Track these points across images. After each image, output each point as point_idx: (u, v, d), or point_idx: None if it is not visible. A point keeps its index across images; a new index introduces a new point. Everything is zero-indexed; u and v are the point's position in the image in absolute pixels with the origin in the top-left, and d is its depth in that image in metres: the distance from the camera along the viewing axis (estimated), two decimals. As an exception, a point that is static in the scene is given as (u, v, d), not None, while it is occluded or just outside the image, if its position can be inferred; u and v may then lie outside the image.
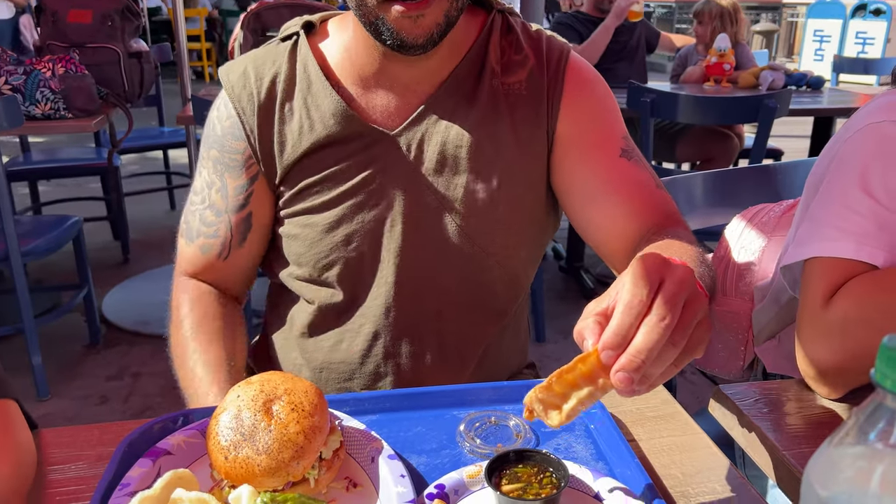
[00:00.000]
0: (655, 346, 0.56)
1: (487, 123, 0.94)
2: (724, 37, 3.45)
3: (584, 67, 0.99)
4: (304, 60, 0.97)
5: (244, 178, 0.99)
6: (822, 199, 0.91)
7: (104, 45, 2.82)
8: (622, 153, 0.96)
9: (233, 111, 0.98)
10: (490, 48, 0.96)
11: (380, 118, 0.95)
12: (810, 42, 9.76)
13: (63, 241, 2.53)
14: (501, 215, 0.95)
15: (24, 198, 3.92)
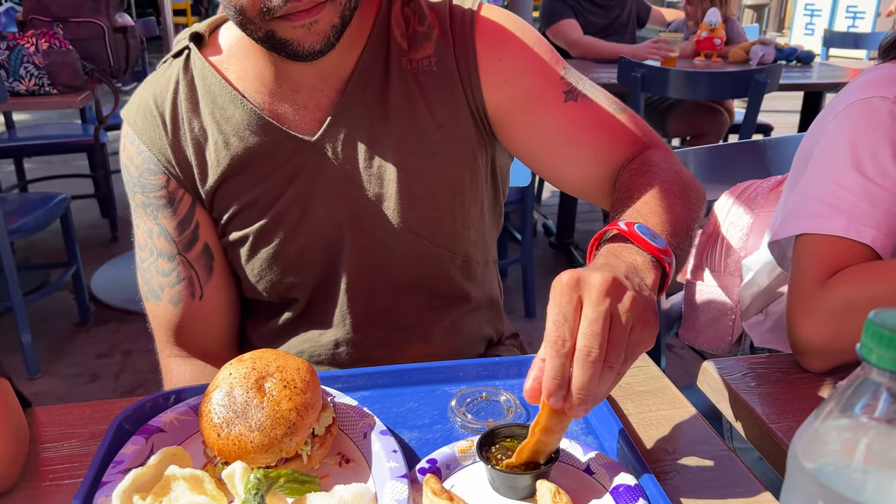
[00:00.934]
0: (592, 378, 0.57)
1: (405, 111, 0.89)
2: (715, 11, 3.43)
3: (493, 25, 0.91)
4: (201, 73, 0.91)
5: (181, 213, 0.93)
6: (812, 175, 0.91)
7: (88, 19, 2.78)
8: (567, 96, 0.90)
9: (142, 146, 0.92)
10: (392, 23, 0.90)
11: (294, 124, 0.90)
12: (801, 16, 9.74)
13: (50, 219, 2.51)
14: (440, 203, 0.92)
15: (10, 175, 3.89)
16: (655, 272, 0.67)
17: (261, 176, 0.90)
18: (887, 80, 0.90)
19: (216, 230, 0.95)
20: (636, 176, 0.84)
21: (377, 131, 0.90)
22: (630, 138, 0.91)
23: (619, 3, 3.69)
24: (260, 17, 0.77)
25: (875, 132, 0.87)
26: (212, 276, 0.96)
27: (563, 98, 0.90)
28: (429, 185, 0.91)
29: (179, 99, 0.91)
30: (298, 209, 0.91)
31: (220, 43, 0.93)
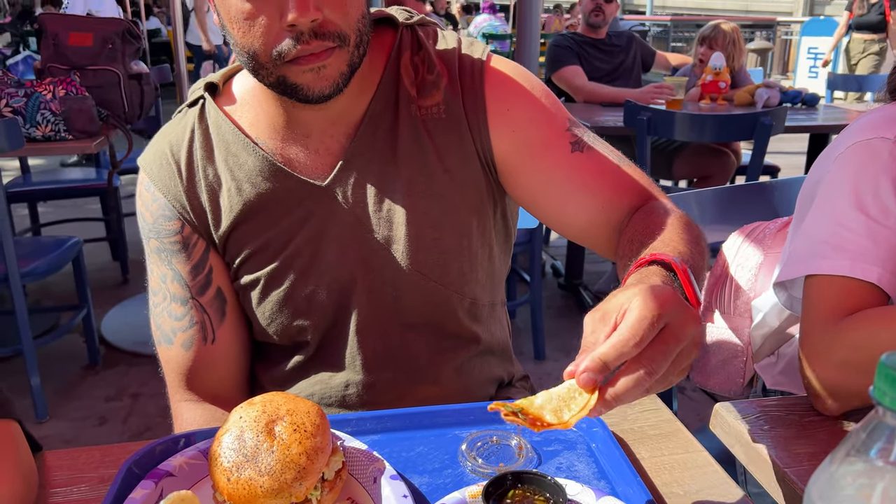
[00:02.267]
0: (633, 394, 0.57)
1: (414, 156, 0.91)
2: (719, 55, 3.48)
3: (502, 75, 0.94)
4: (215, 122, 0.94)
5: (195, 258, 0.94)
6: (816, 215, 0.92)
7: (105, 67, 2.84)
8: (573, 147, 0.92)
9: (157, 193, 0.94)
10: (402, 71, 0.93)
11: (305, 169, 0.92)
12: (804, 59, 9.86)
13: (63, 263, 2.53)
14: (448, 246, 0.93)
15: (24, 219, 3.93)
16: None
17: (272, 220, 0.92)
18: (887, 120, 0.92)
19: (229, 274, 0.97)
20: (649, 216, 0.86)
21: (387, 175, 0.91)
22: (634, 188, 0.93)
23: (624, 49, 3.75)
24: (272, 62, 0.80)
25: (876, 172, 0.88)
26: (224, 319, 0.96)
27: (569, 148, 0.92)
28: (437, 228, 0.92)
29: (195, 147, 0.94)
30: (309, 252, 0.92)
31: (233, 92, 0.96)
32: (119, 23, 2.97)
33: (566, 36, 3.77)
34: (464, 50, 0.96)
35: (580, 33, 3.74)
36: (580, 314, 3.57)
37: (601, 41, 3.70)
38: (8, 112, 2.50)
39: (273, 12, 0.77)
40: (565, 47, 3.63)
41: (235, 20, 0.80)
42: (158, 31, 10.51)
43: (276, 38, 0.78)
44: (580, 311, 3.31)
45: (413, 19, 0.97)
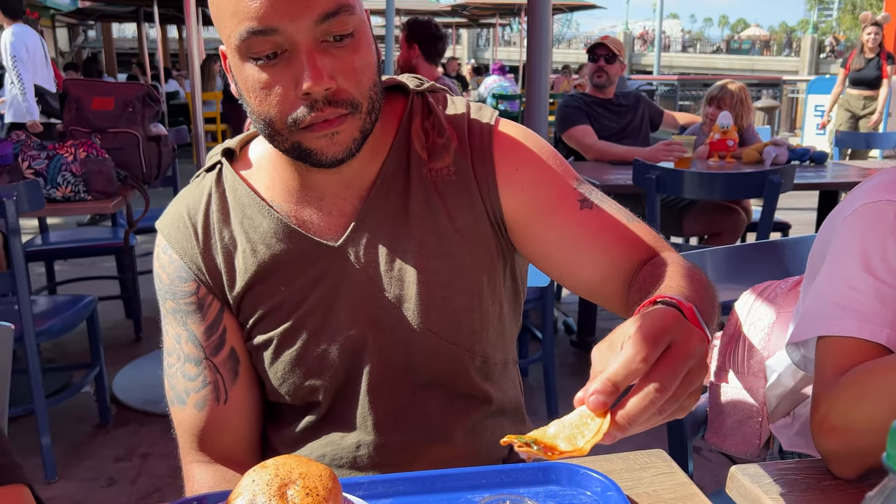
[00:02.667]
0: (645, 414, 0.57)
1: (425, 216, 0.93)
2: (727, 114, 3.53)
3: (510, 138, 0.97)
4: (231, 186, 0.96)
5: (209, 318, 0.96)
6: (825, 277, 0.93)
7: (125, 129, 2.92)
8: (581, 204, 0.94)
9: (174, 255, 0.96)
10: (413, 136, 0.95)
11: (319, 230, 0.94)
12: (811, 117, 9.94)
13: (77, 321, 2.55)
14: (459, 304, 0.94)
15: (41, 277, 3.98)
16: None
17: (286, 281, 0.94)
18: (893, 183, 0.93)
19: (242, 334, 0.98)
20: (656, 268, 0.86)
21: (398, 235, 0.93)
22: (643, 243, 0.94)
23: (632, 108, 3.81)
24: (287, 129, 0.83)
25: (883, 234, 0.90)
26: (237, 380, 0.97)
27: (578, 206, 0.94)
28: (448, 287, 0.93)
29: (211, 210, 0.96)
30: (322, 312, 0.94)
31: (250, 157, 0.99)
32: (140, 87, 3.06)
33: (575, 96, 3.85)
34: (472, 114, 0.98)
35: (588, 94, 3.81)
36: (593, 372, 3.50)
37: (609, 101, 3.77)
38: (30, 174, 2.56)
39: (289, 82, 0.80)
40: (574, 107, 3.69)
41: (253, 89, 0.82)
42: (177, 93, 10.80)
43: (292, 106, 0.81)
44: (593, 369, 3.28)
45: (423, 86, 1.00)
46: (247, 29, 0.78)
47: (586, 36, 44.78)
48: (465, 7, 16.53)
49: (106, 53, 19.20)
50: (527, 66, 2.52)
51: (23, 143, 2.64)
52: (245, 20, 0.78)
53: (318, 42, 0.80)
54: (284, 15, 0.77)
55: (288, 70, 0.80)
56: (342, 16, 0.80)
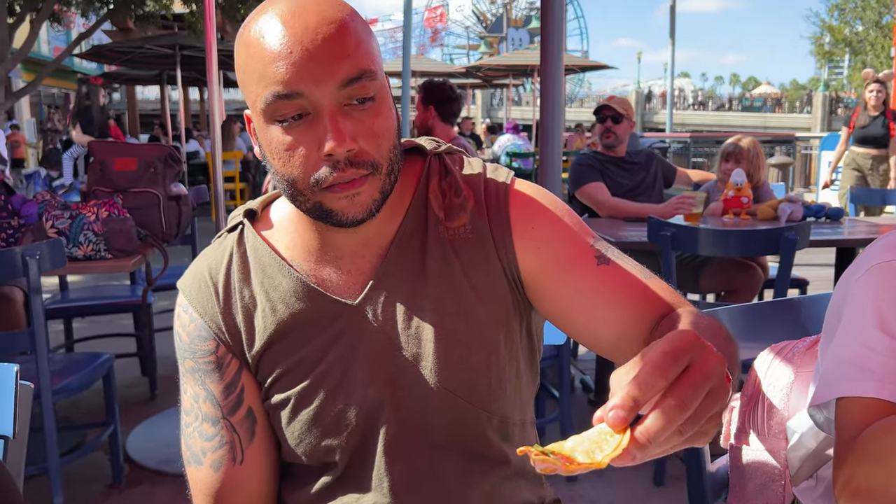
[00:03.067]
0: (664, 431, 0.56)
1: (442, 274, 0.94)
2: (740, 171, 3.55)
3: (526, 197, 0.98)
4: (253, 246, 0.98)
5: (228, 377, 0.97)
6: (842, 338, 0.93)
7: (146, 189, 2.98)
8: (598, 261, 0.94)
9: (194, 314, 0.98)
10: (430, 196, 0.97)
11: (337, 289, 0.95)
12: (826, 174, 9.96)
13: (94, 379, 2.56)
14: (476, 362, 0.94)
15: (59, 335, 4.01)
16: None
17: (304, 340, 0.94)
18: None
19: (260, 394, 0.98)
20: (673, 321, 0.86)
21: (416, 294, 0.94)
22: (662, 300, 0.94)
23: (644, 166, 3.84)
24: (309, 189, 0.85)
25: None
26: (253, 440, 0.97)
27: (595, 262, 0.94)
28: (465, 345, 0.94)
29: (232, 269, 0.98)
30: (339, 371, 0.94)
31: (271, 218, 1.01)
32: (162, 148, 3.14)
33: (588, 154, 3.89)
34: (489, 174, 1.00)
35: (601, 152, 3.86)
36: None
37: (621, 159, 3.81)
38: (53, 233, 2.62)
39: (312, 143, 0.83)
40: (587, 165, 3.73)
41: (277, 151, 0.85)
42: (197, 153, 11.04)
43: (314, 167, 0.84)
44: (611, 428, 3.22)
45: (440, 148, 1.02)
46: (273, 93, 0.81)
47: (599, 95, 45.58)
48: (478, 69, 16.91)
49: (129, 115, 19.75)
50: (540, 125, 2.56)
51: (47, 203, 2.70)
52: (271, 85, 0.81)
53: (340, 105, 0.82)
54: (310, 80, 0.80)
55: (311, 132, 0.83)
56: (364, 81, 0.83)
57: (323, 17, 0.82)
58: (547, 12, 2.41)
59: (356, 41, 0.83)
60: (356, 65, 0.82)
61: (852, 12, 26.26)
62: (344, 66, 0.81)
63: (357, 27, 0.84)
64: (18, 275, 2.24)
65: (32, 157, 17.51)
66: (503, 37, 35.73)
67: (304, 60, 0.80)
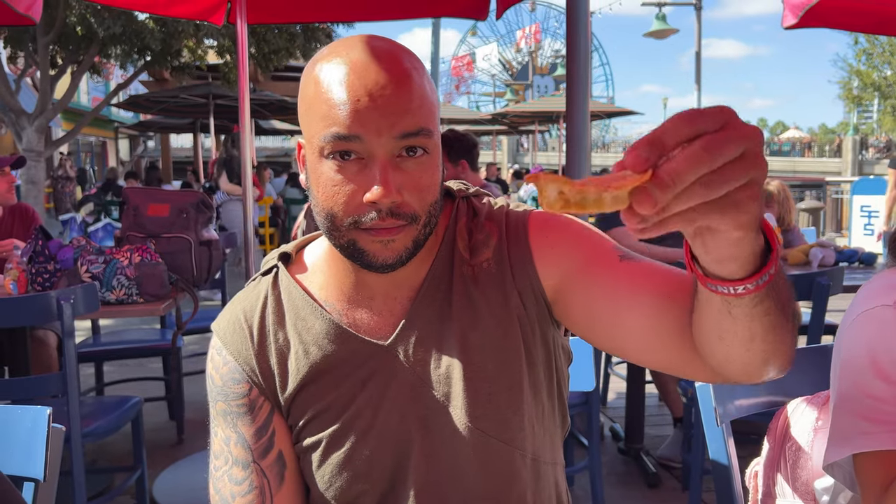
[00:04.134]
0: (690, 171, 0.51)
1: (468, 313, 0.95)
2: (770, 216, 3.52)
3: (544, 219, 0.99)
4: (287, 289, 1.00)
5: (259, 420, 0.97)
6: (844, 391, 0.92)
7: (178, 234, 3.04)
8: (622, 258, 0.92)
9: (228, 357, 0.99)
10: (457, 237, 0.99)
11: (369, 330, 0.96)
12: (858, 217, 9.84)
13: (122, 423, 2.57)
14: (504, 400, 0.94)
15: (89, 378, 4.05)
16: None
17: (335, 382, 0.95)
18: (885, 288, 0.95)
19: (290, 438, 0.99)
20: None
21: (443, 333, 0.95)
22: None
23: (672, 210, 3.82)
24: (346, 226, 0.87)
25: (886, 338, 0.90)
26: (282, 485, 0.97)
27: (618, 258, 0.92)
28: (492, 381, 0.94)
29: (267, 312, 0.99)
30: (370, 413, 0.94)
31: (305, 260, 1.03)
32: (194, 195, 3.21)
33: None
34: (512, 207, 1.02)
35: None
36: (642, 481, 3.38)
37: (650, 204, 3.80)
38: (87, 277, 2.67)
39: (358, 185, 0.85)
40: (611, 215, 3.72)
41: (323, 185, 0.87)
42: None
43: (356, 209, 0.85)
44: (642, 477, 3.15)
45: (469, 191, 1.04)
46: (333, 133, 0.83)
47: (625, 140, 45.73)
48: (504, 115, 17.09)
49: (163, 162, 20.25)
50: (566, 170, 2.57)
51: (83, 248, 2.76)
52: (334, 125, 0.83)
53: (393, 156, 0.85)
54: (371, 128, 0.83)
55: (360, 175, 0.85)
56: (421, 137, 0.85)
57: (392, 71, 0.84)
58: (572, 60, 2.45)
59: (420, 98, 0.85)
60: (416, 121, 0.84)
61: (880, 57, 26.20)
62: (405, 120, 0.83)
63: (423, 84, 0.87)
64: (53, 318, 2.28)
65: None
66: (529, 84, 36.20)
67: (368, 109, 0.82)
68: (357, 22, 7.34)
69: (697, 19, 15.16)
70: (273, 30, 10.22)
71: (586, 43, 2.45)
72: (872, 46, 25.69)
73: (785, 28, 3.29)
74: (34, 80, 12.57)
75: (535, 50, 39.88)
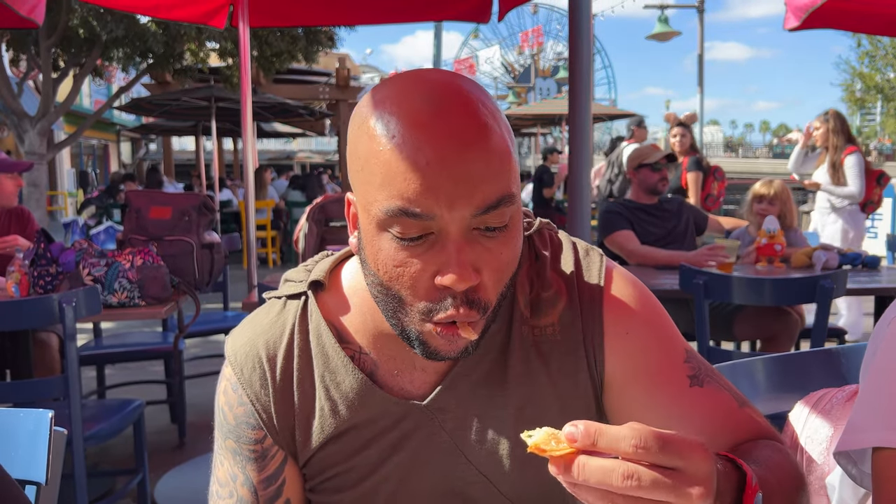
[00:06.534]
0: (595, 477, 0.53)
1: (525, 381, 0.84)
2: (772, 219, 3.51)
3: (623, 295, 0.87)
4: (316, 329, 0.87)
5: (270, 469, 0.88)
6: (876, 383, 0.89)
7: (180, 237, 3.04)
8: (691, 381, 0.84)
9: (244, 398, 0.87)
10: (517, 288, 0.86)
11: (405, 386, 0.86)
12: (861, 220, 9.79)
13: (124, 426, 2.57)
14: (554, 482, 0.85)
15: (91, 381, 4.05)
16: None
17: (363, 442, 0.86)
18: None
19: (302, 486, 0.91)
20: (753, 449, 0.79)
21: (494, 402, 0.85)
22: (750, 427, 0.85)
23: (676, 214, 3.82)
24: (415, 312, 0.74)
25: None
26: None
27: (688, 383, 0.84)
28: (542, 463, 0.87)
29: (293, 356, 0.87)
30: (398, 478, 0.86)
31: (342, 288, 0.89)
32: (196, 197, 3.21)
33: (617, 202, 3.89)
34: (581, 260, 0.90)
35: (631, 199, 3.85)
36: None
37: (652, 206, 3.80)
38: (89, 280, 2.67)
39: (428, 266, 0.72)
40: (617, 213, 3.72)
41: (384, 263, 0.74)
42: (230, 201, 11.23)
43: (426, 294, 0.73)
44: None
45: (532, 228, 0.91)
46: (399, 207, 0.69)
47: (627, 143, 45.59)
48: (507, 118, 17.07)
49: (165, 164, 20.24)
50: (568, 172, 2.57)
51: (84, 251, 2.76)
52: (398, 198, 0.69)
53: (469, 231, 0.71)
54: (444, 203, 0.69)
55: (430, 254, 0.72)
56: (503, 208, 0.71)
57: (469, 121, 0.70)
58: (575, 62, 2.45)
59: (502, 154, 0.71)
60: (499, 189, 0.71)
61: (883, 59, 26.17)
62: (485, 190, 0.70)
63: (504, 135, 0.73)
64: (55, 321, 2.28)
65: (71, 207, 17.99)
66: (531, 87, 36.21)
67: (441, 179, 0.68)
68: (359, 25, 7.35)
69: (700, 22, 15.16)
70: (275, 33, 10.23)
71: (588, 45, 2.45)
72: (875, 49, 25.66)
73: (787, 30, 3.29)
74: (36, 82, 12.58)
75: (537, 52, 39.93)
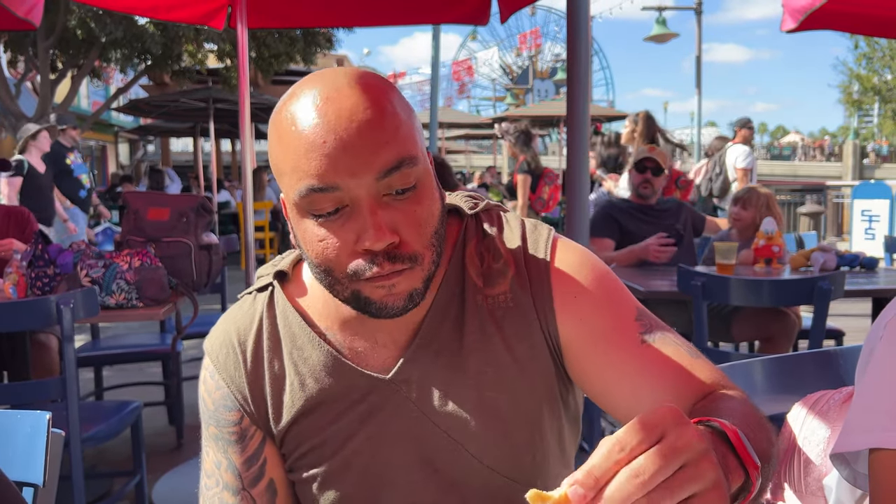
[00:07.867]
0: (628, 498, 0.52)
1: (481, 347, 0.89)
2: (770, 220, 3.52)
3: (569, 261, 0.92)
4: (283, 312, 0.93)
5: (250, 450, 0.93)
6: (872, 385, 0.88)
7: (178, 239, 3.04)
8: (642, 338, 0.88)
9: (220, 382, 0.93)
10: (467, 261, 0.92)
11: (370, 362, 0.90)
12: (859, 222, 9.83)
13: (122, 428, 2.56)
14: (519, 439, 0.89)
15: (89, 382, 4.04)
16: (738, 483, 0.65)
17: (334, 416, 0.90)
18: None
19: (283, 466, 0.95)
20: (718, 401, 0.81)
21: (454, 368, 0.89)
22: (705, 381, 0.87)
23: (674, 214, 3.83)
24: (346, 278, 0.80)
25: None
26: None
27: (639, 340, 0.88)
28: (507, 421, 0.89)
29: (262, 338, 0.93)
30: (370, 450, 0.89)
31: (303, 279, 0.96)
32: (194, 199, 3.21)
33: (613, 202, 3.90)
34: (528, 234, 0.95)
35: (628, 199, 3.86)
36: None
37: (650, 207, 3.81)
38: (87, 281, 2.66)
39: (349, 236, 0.78)
40: (602, 216, 3.75)
41: (311, 242, 0.80)
42: (228, 203, 11.23)
43: (352, 258, 0.79)
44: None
45: (478, 207, 0.97)
46: (307, 186, 0.76)
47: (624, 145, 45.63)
48: (504, 119, 17.09)
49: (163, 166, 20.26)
50: (566, 174, 2.57)
51: (82, 253, 2.75)
52: (305, 178, 0.76)
53: (379, 196, 0.77)
54: (345, 172, 0.75)
55: (348, 224, 0.78)
56: (404, 169, 0.77)
57: (358, 102, 0.76)
58: (573, 64, 2.45)
59: (395, 125, 0.77)
60: (395, 152, 0.76)
61: (880, 61, 26.24)
62: (382, 155, 0.76)
63: (396, 108, 0.79)
64: (53, 323, 2.28)
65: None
66: (529, 88, 36.26)
67: (338, 151, 0.75)
68: (357, 27, 7.36)
69: (698, 23, 15.17)
70: (273, 34, 10.25)
71: (587, 47, 2.45)
72: (872, 50, 25.73)
73: (784, 32, 3.30)
74: (34, 84, 12.58)
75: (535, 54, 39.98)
